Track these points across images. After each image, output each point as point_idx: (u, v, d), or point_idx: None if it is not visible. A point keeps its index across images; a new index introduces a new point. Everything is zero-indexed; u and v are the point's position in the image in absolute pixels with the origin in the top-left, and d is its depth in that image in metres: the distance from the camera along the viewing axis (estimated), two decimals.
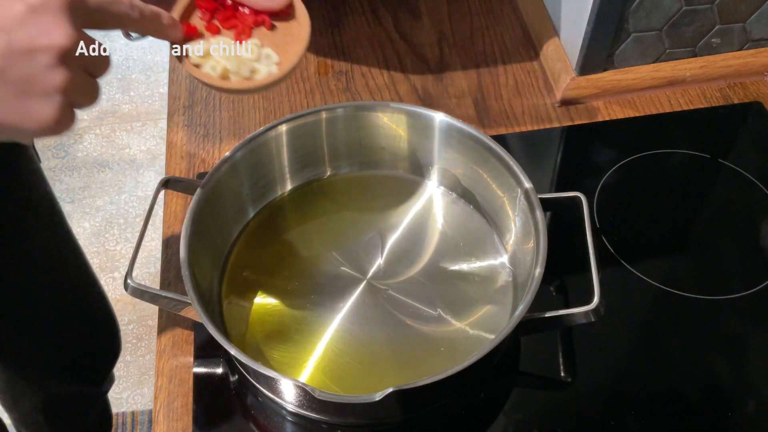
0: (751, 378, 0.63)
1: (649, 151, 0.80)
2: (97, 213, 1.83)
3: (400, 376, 0.62)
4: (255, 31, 0.57)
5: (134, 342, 1.59)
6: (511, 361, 0.65)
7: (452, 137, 0.70)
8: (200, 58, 0.54)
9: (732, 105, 0.85)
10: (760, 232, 0.74)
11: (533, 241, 0.61)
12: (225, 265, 0.69)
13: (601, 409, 0.62)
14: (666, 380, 0.63)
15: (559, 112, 0.85)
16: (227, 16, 0.56)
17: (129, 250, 1.74)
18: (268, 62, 0.55)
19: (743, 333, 0.66)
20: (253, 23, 0.56)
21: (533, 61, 0.91)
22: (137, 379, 1.53)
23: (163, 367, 0.65)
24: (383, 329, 0.64)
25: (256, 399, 0.63)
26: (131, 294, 0.58)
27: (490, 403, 0.63)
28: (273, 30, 0.57)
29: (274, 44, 0.56)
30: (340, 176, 0.76)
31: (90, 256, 1.72)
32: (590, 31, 0.78)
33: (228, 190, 0.67)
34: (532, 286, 0.57)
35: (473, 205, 0.72)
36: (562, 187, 0.76)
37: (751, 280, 0.70)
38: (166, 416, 0.63)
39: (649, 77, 0.85)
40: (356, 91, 0.87)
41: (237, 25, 0.56)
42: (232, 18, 0.56)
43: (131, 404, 1.50)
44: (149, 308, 1.62)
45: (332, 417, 0.61)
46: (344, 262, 0.69)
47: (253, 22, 0.56)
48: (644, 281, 0.70)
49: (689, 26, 0.81)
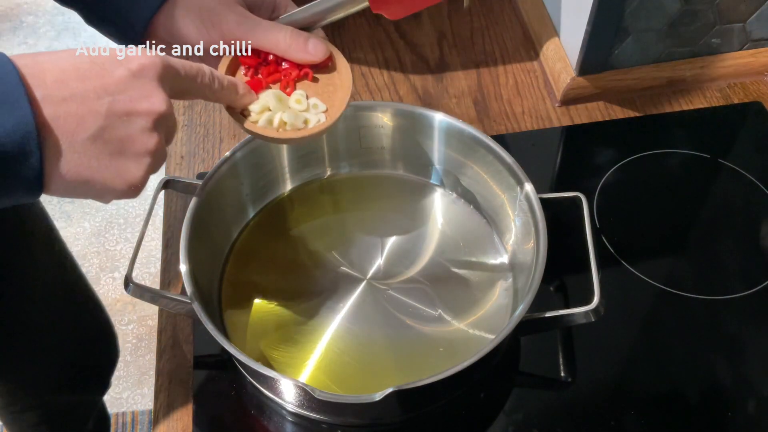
0: (751, 378, 0.63)
1: (649, 151, 0.80)
2: (97, 213, 1.83)
3: (400, 376, 0.62)
4: (299, 84, 0.59)
5: (134, 342, 1.59)
6: (511, 361, 0.65)
7: (452, 137, 0.70)
8: (256, 114, 0.56)
9: (732, 105, 0.85)
10: (760, 232, 0.74)
11: (533, 241, 0.61)
12: (225, 265, 0.69)
13: (601, 409, 0.62)
14: (666, 380, 0.63)
15: (559, 112, 0.85)
16: (271, 71, 0.58)
17: (129, 250, 1.74)
18: (316, 111, 0.57)
19: (743, 333, 0.66)
20: (297, 76, 0.58)
21: (533, 61, 0.91)
22: (137, 379, 1.53)
23: (163, 367, 0.65)
24: (383, 329, 0.64)
25: (256, 399, 0.63)
26: (131, 294, 0.58)
27: (490, 403, 0.63)
28: (315, 81, 0.59)
29: (319, 94, 0.58)
30: (340, 176, 0.76)
31: (90, 256, 1.72)
32: (590, 31, 0.78)
33: (228, 190, 0.67)
34: (532, 286, 0.57)
35: (473, 205, 0.72)
36: (562, 187, 0.76)
37: (751, 280, 0.70)
38: (166, 416, 0.63)
39: (649, 77, 0.85)
40: (356, 91, 0.87)
41: (281, 79, 0.58)
42: (275, 72, 0.58)
43: (131, 404, 1.50)
44: (149, 308, 1.62)
45: (332, 417, 0.61)
46: (344, 262, 0.69)
47: (297, 75, 0.58)
48: (644, 281, 0.70)
49: (689, 26, 0.81)
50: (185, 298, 0.57)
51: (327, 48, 0.58)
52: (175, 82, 0.47)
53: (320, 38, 0.58)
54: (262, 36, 0.55)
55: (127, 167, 0.44)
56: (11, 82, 0.39)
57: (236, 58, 0.57)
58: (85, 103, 0.42)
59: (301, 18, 0.58)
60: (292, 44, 0.56)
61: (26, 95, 0.40)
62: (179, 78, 0.48)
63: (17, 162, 0.40)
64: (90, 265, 1.70)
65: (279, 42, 0.56)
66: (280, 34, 0.56)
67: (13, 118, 0.39)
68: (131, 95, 0.44)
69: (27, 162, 0.40)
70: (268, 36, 0.56)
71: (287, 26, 0.57)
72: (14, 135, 0.39)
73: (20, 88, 0.39)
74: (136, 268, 0.62)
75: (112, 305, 1.63)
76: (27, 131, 0.39)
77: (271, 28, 0.56)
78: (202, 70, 0.50)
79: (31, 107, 0.40)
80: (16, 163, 0.40)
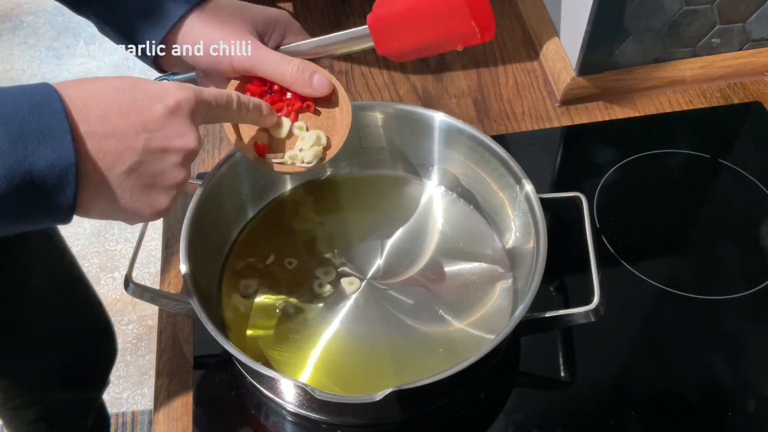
0: (751, 378, 0.63)
1: (649, 151, 0.80)
2: None
3: (400, 376, 0.62)
4: (300, 115, 0.61)
5: (134, 342, 1.59)
6: (511, 361, 0.65)
7: (452, 137, 0.70)
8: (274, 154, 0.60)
9: (732, 105, 0.85)
10: (760, 232, 0.74)
11: (533, 241, 0.61)
12: (225, 264, 0.69)
13: (601, 409, 0.62)
14: (666, 380, 0.63)
15: (559, 112, 0.85)
16: (275, 100, 0.60)
17: (129, 250, 1.74)
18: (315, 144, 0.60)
19: (743, 333, 0.66)
20: (299, 107, 0.61)
21: (533, 61, 0.90)
22: (137, 379, 1.53)
23: (163, 367, 0.65)
24: (383, 329, 0.64)
25: (256, 399, 0.63)
26: (131, 294, 0.58)
27: (490, 403, 0.63)
28: (317, 114, 0.61)
29: (319, 127, 0.61)
30: (340, 176, 0.76)
31: (90, 256, 1.72)
32: (590, 31, 0.78)
33: (228, 190, 0.67)
34: (532, 286, 0.57)
35: (473, 205, 0.72)
36: (562, 187, 0.76)
37: (751, 280, 0.69)
38: (166, 416, 0.63)
39: (649, 77, 0.85)
40: (356, 91, 0.87)
41: (283, 108, 0.60)
42: (279, 101, 0.60)
43: (131, 404, 1.50)
44: (149, 308, 1.62)
45: (332, 417, 0.61)
46: (344, 262, 0.69)
47: (299, 106, 0.60)
48: (644, 281, 0.70)
49: (689, 26, 0.81)
50: (185, 298, 0.57)
51: (330, 84, 0.60)
52: (207, 114, 0.50)
53: (325, 74, 0.60)
54: (270, 67, 0.58)
55: (156, 198, 0.47)
56: (57, 118, 0.41)
57: (242, 83, 0.59)
58: (124, 140, 0.44)
59: (307, 49, 0.61)
60: (298, 78, 0.58)
61: (70, 131, 0.41)
62: (211, 110, 0.50)
63: (53, 192, 0.41)
64: (90, 265, 1.70)
65: (286, 74, 0.58)
66: (288, 66, 0.58)
67: (56, 153, 0.41)
68: (167, 133, 0.46)
69: (63, 192, 0.42)
70: (276, 68, 0.58)
71: (295, 59, 0.59)
72: (55, 169, 0.41)
73: (65, 124, 0.41)
74: (136, 268, 0.62)
75: (112, 305, 1.63)
76: (67, 165, 0.41)
77: (279, 60, 0.58)
78: (231, 98, 0.53)
79: (74, 142, 0.41)
80: (52, 194, 0.42)
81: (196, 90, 0.49)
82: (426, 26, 0.59)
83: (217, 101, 0.51)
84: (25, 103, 0.41)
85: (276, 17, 0.60)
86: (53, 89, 0.42)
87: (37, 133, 0.40)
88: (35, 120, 0.41)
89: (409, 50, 0.60)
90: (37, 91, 0.42)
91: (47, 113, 0.41)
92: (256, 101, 0.56)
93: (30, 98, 0.41)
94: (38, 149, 0.40)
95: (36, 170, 0.40)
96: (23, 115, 0.40)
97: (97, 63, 2.14)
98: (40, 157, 0.40)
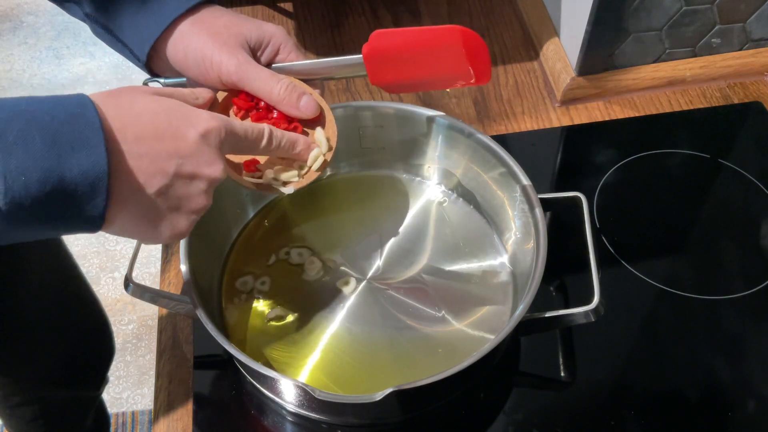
0: (751, 378, 0.63)
1: (649, 151, 0.80)
2: None
3: (400, 376, 0.62)
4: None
5: (134, 342, 1.59)
6: (511, 361, 0.65)
7: (452, 137, 0.70)
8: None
9: (732, 105, 0.85)
10: (760, 232, 0.74)
11: (533, 241, 0.61)
12: (225, 264, 0.69)
13: (601, 409, 0.62)
14: (666, 380, 0.63)
15: (559, 112, 0.85)
16: (260, 117, 0.59)
17: (129, 250, 1.74)
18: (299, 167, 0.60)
19: (743, 333, 0.66)
20: (286, 128, 0.59)
21: (533, 61, 0.91)
22: (137, 379, 1.53)
23: (163, 367, 0.65)
24: (383, 329, 0.64)
25: (256, 399, 0.63)
26: (131, 294, 0.58)
27: (490, 403, 0.63)
28: (305, 135, 0.60)
29: None
30: (340, 176, 0.76)
31: (90, 256, 1.72)
32: (590, 31, 0.78)
33: (228, 190, 0.67)
34: (532, 286, 0.57)
35: (473, 205, 0.72)
36: (562, 187, 0.76)
37: (751, 280, 0.69)
38: (166, 416, 0.63)
39: (649, 77, 0.85)
40: (356, 91, 0.87)
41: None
42: (264, 119, 0.59)
43: (131, 404, 1.50)
44: (149, 308, 1.62)
45: (332, 417, 0.61)
46: (344, 262, 0.69)
47: (286, 127, 0.59)
48: (644, 281, 0.70)
49: (689, 26, 0.81)
50: (185, 298, 0.57)
51: (318, 107, 0.59)
52: (234, 146, 0.51)
53: (314, 96, 0.59)
54: (258, 84, 0.57)
55: (177, 222, 0.49)
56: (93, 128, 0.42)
57: (230, 96, 0.58)
58: (156, 162, 0.46)
59: (300, 70, 0.60)
60: (285, 98, 0.58)
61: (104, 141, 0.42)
62: (239, 142, 0.51)
63: (84, 200, 0.42)
64: (90, 265, 1.70)
65: (273, 93, 0.57)
66: (276, 85, 0.57)
67: (89, 160, 0.42)
68: (198, 160, 0.47)
69: (93, 201, 0.43)
70: (263, 85, 0.57)
71: (285, 78, 0.58)
72: (88, 176, 0.42)
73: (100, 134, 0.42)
74: (136, 268, 0.62)
75: (112, 305, 1.63)
76: (100, 174, 0.42)
77: (268, 78, 0.57)
78: (262, 133, 0.53)
79: (107, 154, 0.42)
80: (83, 202, 0.42)
81: (227, 121, 0.50)
82: (422, 64, 0.59)
83: (246, 135, 0.52)
84: (61, 111, 0.42)
85: (271, 32, 0.59)
86: (89, 100, 0.43)
87: (72, 140, 0.41)
88: (70, 128, 0.41)
89: (402, 84, 0.60)
90: (73, 102, 0.43)
91: (83, 122, 0.42)
92: (291, 137, 0.56)
93: (66, 108, 0.42)
94: (72, 156, 0.41)
95: (69, 177, 0.41)
96: (59, 122, 0.41)
97: (97, 63, 2.14)
98: (74, 164, 0.41)
